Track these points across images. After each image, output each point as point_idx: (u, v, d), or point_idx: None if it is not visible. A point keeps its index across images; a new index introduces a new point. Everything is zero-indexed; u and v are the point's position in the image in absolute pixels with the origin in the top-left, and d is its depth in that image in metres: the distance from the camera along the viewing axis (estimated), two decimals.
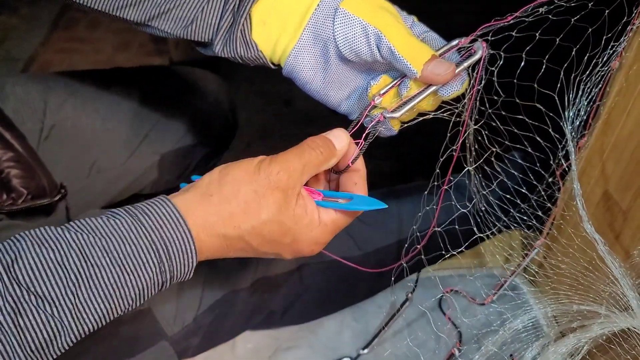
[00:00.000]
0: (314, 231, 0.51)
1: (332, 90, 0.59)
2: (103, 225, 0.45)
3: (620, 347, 0.60)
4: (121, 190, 0.89)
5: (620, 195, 0.65)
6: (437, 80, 0.53)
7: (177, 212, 0.46)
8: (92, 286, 0.43)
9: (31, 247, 0.42)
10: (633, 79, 0.62)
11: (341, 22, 0.54)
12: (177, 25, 0.57)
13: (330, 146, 0.52)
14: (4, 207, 0.69)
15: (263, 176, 0.48)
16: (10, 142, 0.73)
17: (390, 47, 0.52)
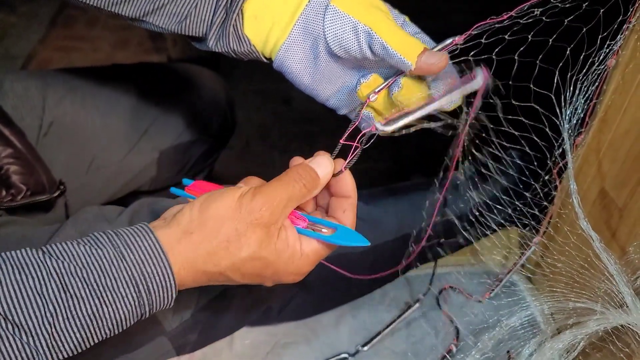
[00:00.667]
0: (295, 263, 0.51)
1: (320, 85, 0.60)
2: (84, 255, 0.45)
3: (613, 345, 0.61)
4: (120, 187, 0.89)
5: (617, 192, 0.66)
6: (431, 70, 0.53)
7: (159, 247, 0.46)
8: (69, 317, 0.43)
9: (11, 272, 0.42)
10: (629, 77, 0.63)
11: (331, 19, 0.54)
12: (172, 20, 0.58)
13: (314, 177, 0.51)
14: (4, 203, 0.70)
15: (245, 213, 0.47)
16: (10, 139, 0.73)
17: (383, 43, 0.52)
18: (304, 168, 0.51)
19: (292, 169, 0.51)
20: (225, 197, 0.48)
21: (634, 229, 0.63)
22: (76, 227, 0.68)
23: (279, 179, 0.50)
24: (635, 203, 0.62)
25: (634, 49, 0.61)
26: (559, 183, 0.70)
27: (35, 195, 0.73)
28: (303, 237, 0.52)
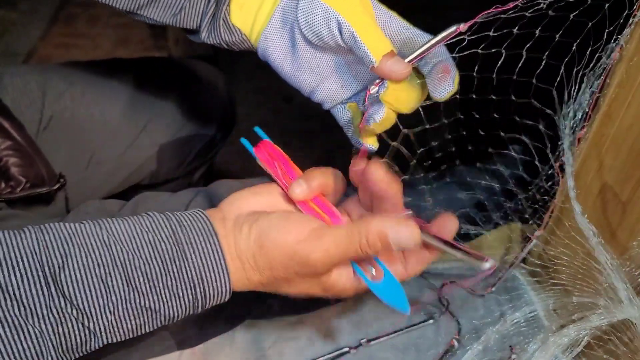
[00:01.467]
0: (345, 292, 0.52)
1: (303, 76, 0.60)
2: (147, 246, 0.46)
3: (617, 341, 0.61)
4: (121, 181, 0.89)
5: (620, 187, 0.65)
6: (390, 76, 0.52)
7: (221, 256, 0.47)
8: (130, 308, 0.45)
9: (78, 255, 0.44)
10: (633, 71, 0.62)
11: (304, 5, 0.54)
12: (166, 13, 0.59)
13: (384, 248, 0.48)
14: (3, 195, 0.69)
15: (297, 266, 0.47)
16: (9, 131, 0.73)
17: (353, 32, 0.52)
18: (380, 239, 0.47)
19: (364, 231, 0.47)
20: (281, 239, 0.47)
21: (637, 223, 0.63)
22: (77, 221, 0.68)
23: (345, 237, 0.47)
24: (639, 198, 0.62)
25: (639, 43, 0.61)
26: (561, 177, 0.70)
27: (35, 188, 0.73)
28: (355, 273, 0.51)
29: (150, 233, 0.46)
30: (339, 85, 0.60)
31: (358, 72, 0.60)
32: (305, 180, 0.51)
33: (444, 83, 0.54)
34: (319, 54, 0.59)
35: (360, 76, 0.60)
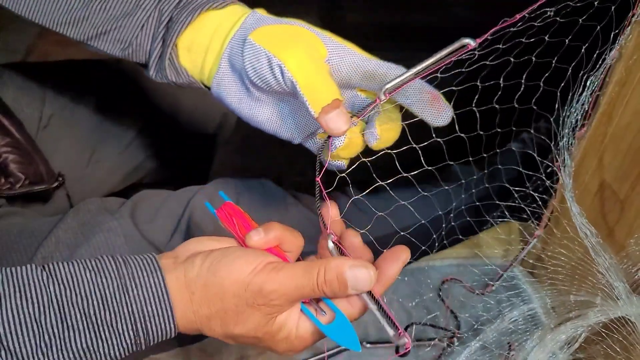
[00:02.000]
0: (290, 342, 0.49)
1: (261, 117, 0.58)
2: (88, 283, 0.43)
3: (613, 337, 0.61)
4: (120, 179, 0.89)
5: (618, 185, 0.66)
6: (327, 131, 0.51)
7: (164, 289, 0.44)
8: (64, 348, 0.42)
9: (13, 295, 0.42)
10: (633, 70, 0.63)
11: (248, 53, 0.53)
12: (115, 47, 0.59)
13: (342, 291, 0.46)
14: (3, 191, 0.70)
15: (249, 295, 0.45)
16: (8, 129, 0.73)
17: (292, 80, 0.51)
18: (337, 277, 0.46)
19: (323, 267, 0.46)
20: (237, 267, 0.45)
21: (635, 221, 0.63)
22: (77, 218, 0.68)
23: (303, 272, 0.46)
24: (637, 195, 0.63)
25: (638, 41, 0.61)
26: (560, 176, 0.70)
27: (34, 185, 0.73)
28: (302, 316, 0.48)
29: (92, 271, 0.44)
30: (302, 121, 0.58)
31: None
32: (264, 229, 0.50)
33: (442, 110, 0.53)
34: (274, 96, 0.57)
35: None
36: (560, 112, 0.62)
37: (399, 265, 0.48)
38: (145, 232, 0.69)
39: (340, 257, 0.47)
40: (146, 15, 0.57)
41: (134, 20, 0.57)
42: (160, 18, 0.57)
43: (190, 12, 0.55)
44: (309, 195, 0.81)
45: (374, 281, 0.46)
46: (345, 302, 0.48)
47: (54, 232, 0.66)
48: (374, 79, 0.55)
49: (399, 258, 0.49)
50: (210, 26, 0.56)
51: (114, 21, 0.57)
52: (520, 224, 0.84)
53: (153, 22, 0.57)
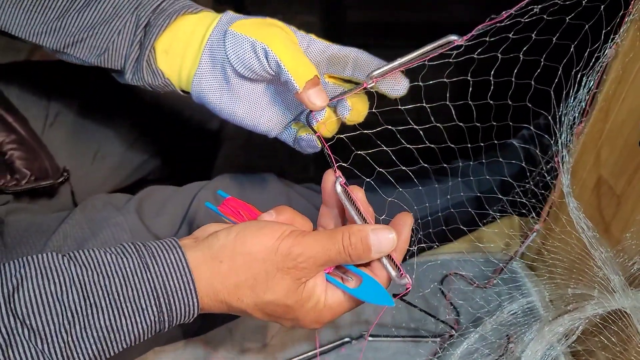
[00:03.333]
0: (318, 312, 0.50)
1: (241, 111, 0.61)
2: (109, 263, 0.44)
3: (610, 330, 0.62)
4: (126, 176, 0.90)
5: (615, 180, 0.67)
6: (309, 106, 0.55)
7: (185, 263, 0.45)
8: (87, 326, 0.42)
9: (34, 276, 0.42)
10: (629, 67, 0.64)
11: (231, 42, 0.56)
12: (91, 53, 0.60)
13: (365, 253, 0.48)
14: (9, 187, 0.71)
15: (279, 258, 0.46)
16: (13, 125, 0.74)
17: (277, 59, 0.54)
18: (361, 240, 0.47)
19: (347, 232, 0.48)
20: (264, 234, 0.47)
21: (631, 215, 0.64)
22: (85, 214, 0.69)
23: (328, 236, 0.47)
24: (633, 190, 0.64)
25: (633, 40, 0.63)
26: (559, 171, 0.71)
27: (40, 181, 0.74)
28: (330, 285, 0.50)
29: (112, 254, 0.45)
30: (279, 111, 0.62)
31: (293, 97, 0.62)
32: (276, 211, 0.51)
33: (399, 81, 0.57)
34: (253, 87, 0.60)
35: (296, 100, 0.62)
36: (556, 109, 0.63)
37: (408, 228, 0.51)
38: (151, 227, 0.70)
39: (363, 224, 0.49)
40: (123, 21, 0.59)
41: (111, 27, 0.59)
42: (137, 23, 0.59)
43: (167, 16, 0.58)
44: (311, 191, 0.82)
45: (395, 242, 0.48)
46: (369, 271, 0.50)
47: (62, 227, 0.67)
48: (338, 62, 0.59)
49: (406, 222, 0.51)
50: (186, 28, 0.59)
51: (91, 29, 0.59)
52: (521, 219, 0.85)
53: (130, 27, 0.59)
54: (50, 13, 0.59)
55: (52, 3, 0.59)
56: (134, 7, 0.59)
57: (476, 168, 0.88)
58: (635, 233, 0.62)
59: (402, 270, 0.49)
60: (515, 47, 0.58)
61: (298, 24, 0.61)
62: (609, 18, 0.59)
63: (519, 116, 0.68)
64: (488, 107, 0.64)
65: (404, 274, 0.49)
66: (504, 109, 0.65)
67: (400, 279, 0.49)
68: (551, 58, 0.60)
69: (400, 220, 0.51)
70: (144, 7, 0.59)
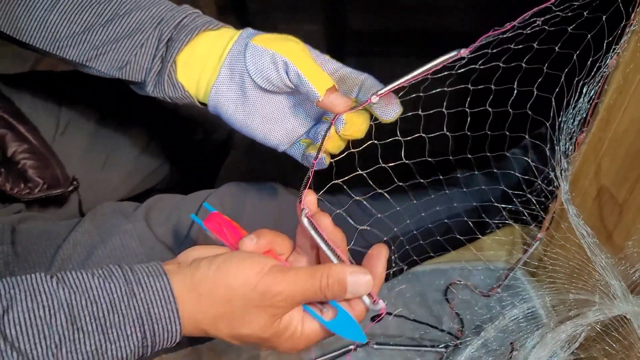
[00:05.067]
0: (294, 340, 0.51)
1: (255, 123, 0.63)
2: (97, 288, 0.45)
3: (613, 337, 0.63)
4: (134, 185, 0.91)
5: (616, 189, 0.68)
6: (333, 109, 0.57)
7: (170, 291, 0.46)
8: (73, 350, 0.43)
9: (23, 298, 0.43)
10: (630, 77, 0.65)
11: (252, 54, 0.59)
12: (112, 66, 0.62)
13: (342, 294, 0.49)
14: (22, 196, 0.72)
15: (257, 296, 0.47)
16: (25, 135, 0.76)
17: (298, 71, 0.57)
18: (338, 282, 0.48)
19: (326, 273, 0.49)
20: (243, 269, 0.47)
21: (633, 224, 0.65)
22: (94, 222, 0.70)
23: (307, 276, 0.48)
24: (635, 199, 0.64)
25: (634, 50, 0.63)
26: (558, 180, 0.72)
27: (51, 189, 0.75)
28: (307, 315, 0.51)
29: (100, 277, 0.46)
30: (291, 126, 0.64)
31: (306, 111, 0.65)
32: (256, 235, 0.52)
33: (391, 106, 0.58)
34: (267, 100, 0.63)
35: (308, 114, 0.65)
36: (556, 118, 0.64)
37: (383, 261, 0.52)
38: (159, 234, 0.71)
39: (342, 264, 0.50)
40: (146, 35, 0.61)
41: (134, 40, 0.61)
42: (159, 37, 0.61)
43: (189, 32, 0.61)
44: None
45: (371, 285, 0.49)
46: (346, 304, 0.51)
47: (71, 234, 0.68)
48: (348, 83, 0.61)
49: (380, 254, 0.52)
50: (207, 43, 0.62)
51: (114, 42, 0.61)
52: (522, 228, 0.86)
53: (153, 41, 0.61)
54: (76, 27, 0.61)
55: (78, 17, 0.60)
56: (157, 22, 0.61)
57: (478, 178, 0.89)
58: (637, 241, 0.63)
59: (375, 297, 0.50)
60: (517, 56, 0.59)
61: (301, 33, 0.64)
62: (611, 28, 0.60)
63: (520, 126, 0.69)
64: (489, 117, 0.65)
65: (377, 300, 0.50)
66: (505, 119, 0.65)
67: (375, 304, 0.50)
68: (552, 67, 0.61)
69: (375, 252, 0.52)
70: (167, 22, 0.61)
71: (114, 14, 0.61)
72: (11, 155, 0.73)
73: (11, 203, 0.74)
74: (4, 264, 0.64)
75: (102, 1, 0.61)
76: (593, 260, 0.61)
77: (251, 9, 1.81)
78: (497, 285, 0.85)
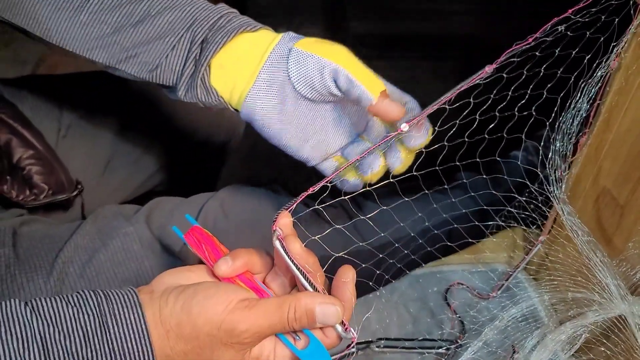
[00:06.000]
0: None
1: (289, 133, 0.60)
2: (70, 319, 0.44)
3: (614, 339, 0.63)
4: (135, 187, 0.91)
5: (618, 190, 0.68)
6: (388, 115, 0.55)
7: (145, 328, 0.45)
8: None
9: None
10: (631, 79, 0.65)
11: (295, 59, 0.56)
12: (143, 69, 0.60)
13: (312, 325, 0.48)
14: (28, 202, 0.72)
15: (223, 335, 0.46)
16: (30, 141, 0.76)
17: (348, 75, 0.55)
18: (306, 314, 0.48)
19: (293, 306, 0.48)
20: (208, 307, 0.46)
21: (634, 226, 0.65)
22: (95, 224, 0.70)
23: (274, 309, 0.47)
24: (637, 201, 0.64)
25: (635, 52, 0.64)
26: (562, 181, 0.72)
27: (57, 194, 0.75)
28: (279, 342, 0.49)
29: (74, 307, 0.45)
30: (326, 139, 0.62)
31: (344, 126, 0.62)
32: (231, 257, 0.51)
33: (419, 135, 0.56)
34: (306, 110, 0.60)
35: (346, 130, 0.62)
36: (557, 119, 0.64)
37: (350, 287, 0.50)
38: (160, 237, 0.71)
39: (310, 294, 0.49)
40: (178, 37, 0.58)
41: (165, 42, 0.58)
42: (192, 39, 0.58)
43: (225, 33, 0.58)
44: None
45: (341, 316, 0.48)
46: (320, 332, 0.50)
47: (73, 237, 0.68)
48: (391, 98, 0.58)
49: (347, 279, 0.50)
50: (245, 45, 0.58)
51: (145, 44, 0.58)
52: (524, 230, 0.86)
53: (185, 43, 0.58)
54: (106, 28, 0.58)
55: (108, 18, 0.58)
56: (189, 23, 0.58)
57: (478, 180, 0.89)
58: (638, 242, 0.63)
59: (346, 325, 0.50)
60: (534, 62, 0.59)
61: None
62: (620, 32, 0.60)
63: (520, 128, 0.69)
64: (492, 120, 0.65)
65: (348, 329, 0.50)
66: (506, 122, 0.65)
67: (346, 333, 0.50)
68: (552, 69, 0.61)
69: (343, 276, 0.50)
70: (200, 23, 0.58)
71: (146, 14, 0.58)
72: (17, 162, 0.73)
73: (14, 207, 0.74)
74: (5, 267, 0.64)
75: (134, 1, 0.58)
76: (589, 259, 0.61)
77: (251, 12, 1.82)
78: (497, 287, 0.85)
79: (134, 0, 0.58)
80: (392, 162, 0.57)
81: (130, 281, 0.67)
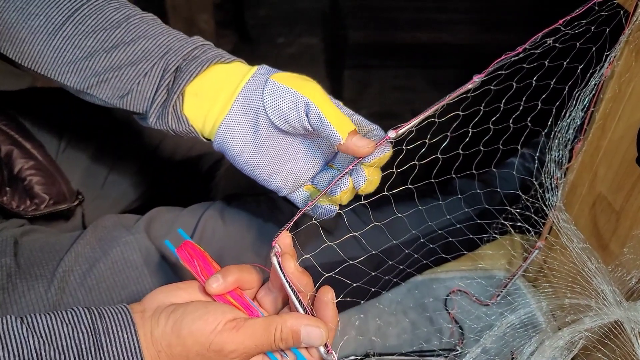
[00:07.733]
0: None
1: (261, 163, 0.60)
2: (65, 337, 0.45)
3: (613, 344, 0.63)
4: (135, 198, 0.92)
5: (613, 196, 0.68)
6: (357, 152, 0.55)
7: (138, 348, 0.46)
8: None
9: None
10: (624, 86, 0.66)
11: (270, 91, 0.57)
12: (114, 95, 0.59)
13: (297, 345, 0.50)
14: (28, 212, 0.72)
15: (212, 355, 0.47)
16: (31, 152, 0.76)
17: (320, 113, 0.55)
18: (292, 335, 0.49)
19: (279, 327, 0.49)
20: (197, 328, 0.47)
21: (630, 231, 0.65)
22: (95, 234, 0.71)
23: (261, 330, 0.49)
24: (632, 206, 0.65)
25: (627, 59, 0.64)
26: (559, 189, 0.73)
27: (57, 205, 0.76)
28: (266, 359, 0.51)
29: (69, 325, 0.46)
30: (297, 169, 0.62)
31: (315, 156, 0.62)
32: (222, 275, 0.51)
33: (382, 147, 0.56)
34: (280, 139, 0.60)
35: (316, 160, 0.63)
36: (553, 128, 0.65)
37: (331, 306, 0.51)
38: (160, 246, 0.71)
39: (296, 315, 0.50)
40: (150, 64, 0.58)
41: (137, 69, 0.58)
42: (165, 67, 0.58)
43: (199, 63, 0.58)
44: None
45: (325, 338, 0.49)
46: (305, 350, 0.51)
47: (73, 247, 0.68)
48: (359, 129, 0.59)
49: (327, 300, 0.51)
50: (220, 74, 0.59)
51: (117, 69, 0.58)
52: (522, 236, 0.86)
53: (158, 70, 0.59)
54: (79, 52, 0.58)
55: (82, 43, 0.58)
56: (164, 52, 0.59)
57: (476, 187, 0.89)
58: (633, 247, 0.63)
59: (329, 347, 0.51)
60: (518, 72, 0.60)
61: (300, 46, 0.62)
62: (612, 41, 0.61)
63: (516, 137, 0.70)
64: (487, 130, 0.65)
65: (330, 351, 0.51)
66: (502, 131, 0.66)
67: (328, 355, 0.51)
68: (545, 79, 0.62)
69: (324, 297, 0.51)
70: (175, 52, 0.59)
71: (120, 41, 0.59)
72: (18, 172, 0.74)
73: (14, 217, 0.75)
74: (6, 276, 0.64)
75: (109, 28, 0.59)
76: (584, 266, 0.62)
77: (250, 23, 1.83)
78: (496, 293, 0.85)
79: (109, 27, 0.59)
80: (357, 181, 0.58)
81: (130, 290, 0.68)
